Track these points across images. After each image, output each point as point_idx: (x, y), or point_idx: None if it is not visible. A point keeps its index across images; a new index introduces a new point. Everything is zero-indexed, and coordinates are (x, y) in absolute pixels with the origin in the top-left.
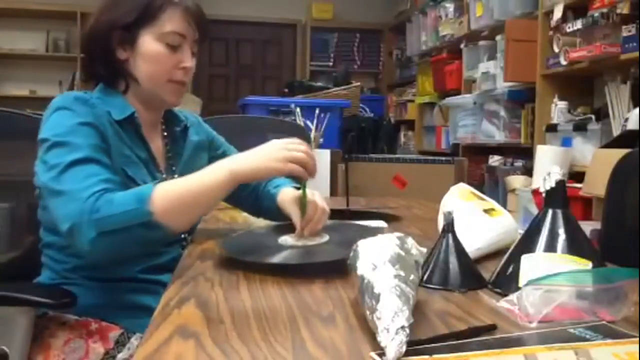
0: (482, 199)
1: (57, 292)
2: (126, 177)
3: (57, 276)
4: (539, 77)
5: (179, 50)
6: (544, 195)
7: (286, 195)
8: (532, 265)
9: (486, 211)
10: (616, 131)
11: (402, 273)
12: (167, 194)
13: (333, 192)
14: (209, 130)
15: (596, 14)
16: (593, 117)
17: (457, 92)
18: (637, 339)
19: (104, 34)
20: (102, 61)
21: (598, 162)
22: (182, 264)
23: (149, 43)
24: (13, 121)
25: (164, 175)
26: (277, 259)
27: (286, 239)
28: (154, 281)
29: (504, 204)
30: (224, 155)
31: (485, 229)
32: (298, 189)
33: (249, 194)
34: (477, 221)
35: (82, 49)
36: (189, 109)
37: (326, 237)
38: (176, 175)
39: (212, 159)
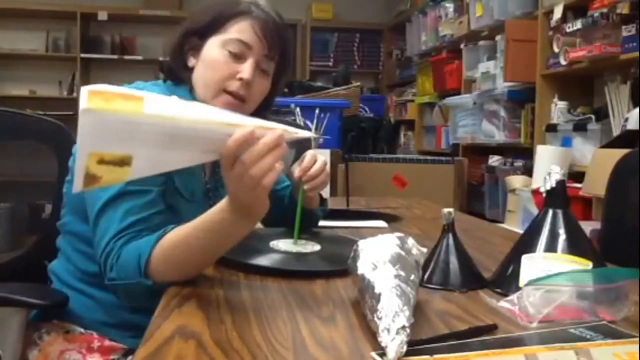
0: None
1: (49, 293)
2: (173, 189)
3: (72, 267)
4: (538, 77)
5: (241, 60)
6: (544, 195)
7: None
8: (532, 265)
9: None
10: (616, 131)
11: (402, 273)
12: (167, 258)
13: (333, 192)
14: None
15: (596, 14)
16: (593, 117)
17: (457, 92)
18: (637, 339)
19: (180, 41)
20: (177, 67)
21: (598, 162)
22: None
23: (211, 48)
24: (13, 121)
25: (208, 186)
26: (264, 261)
27: (277, 244)
28: None
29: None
30: None
31: None
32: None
33: None
34: None
35: (165, 56)
36: None
37: (317, 247)
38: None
39: None
